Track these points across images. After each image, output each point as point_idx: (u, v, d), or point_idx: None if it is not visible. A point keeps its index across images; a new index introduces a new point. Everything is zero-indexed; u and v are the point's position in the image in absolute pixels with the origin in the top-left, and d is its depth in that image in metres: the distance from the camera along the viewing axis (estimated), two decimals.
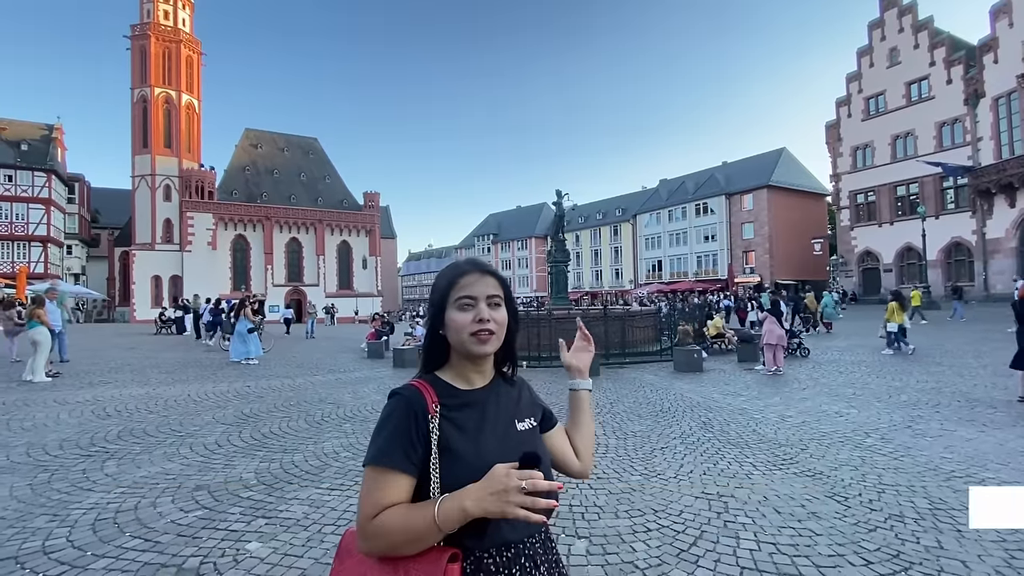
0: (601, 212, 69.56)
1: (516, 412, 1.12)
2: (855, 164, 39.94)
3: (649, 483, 4.12)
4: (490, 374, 1.14)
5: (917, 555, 2.89)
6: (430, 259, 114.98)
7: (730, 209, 51.22)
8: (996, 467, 4.31)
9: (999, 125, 30.59)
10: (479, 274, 1.08)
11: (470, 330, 1.04)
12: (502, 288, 1.10)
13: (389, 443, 0.97)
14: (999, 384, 7.77)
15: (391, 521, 0.91)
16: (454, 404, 1.04)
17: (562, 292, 17.34)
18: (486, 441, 1.03)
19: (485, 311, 1.05)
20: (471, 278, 1.07)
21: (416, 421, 0.98)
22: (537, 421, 1.16)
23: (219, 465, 4.69)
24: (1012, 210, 29.50)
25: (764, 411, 6.66)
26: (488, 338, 1.05)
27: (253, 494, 3.96)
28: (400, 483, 0.95)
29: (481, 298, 1.06)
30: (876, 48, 38.25)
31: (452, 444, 0.99)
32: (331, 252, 56.02)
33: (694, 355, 10.65)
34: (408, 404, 1.01)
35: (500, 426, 1.07)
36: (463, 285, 1.06)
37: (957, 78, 33.02)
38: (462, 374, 1.10)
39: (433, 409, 1.00)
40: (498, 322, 1.06)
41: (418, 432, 0.97)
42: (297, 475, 4.42)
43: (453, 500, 0.90)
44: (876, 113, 38.39)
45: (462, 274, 1.08)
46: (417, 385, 1.05)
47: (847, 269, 39.93)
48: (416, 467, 0.96)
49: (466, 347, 1.05)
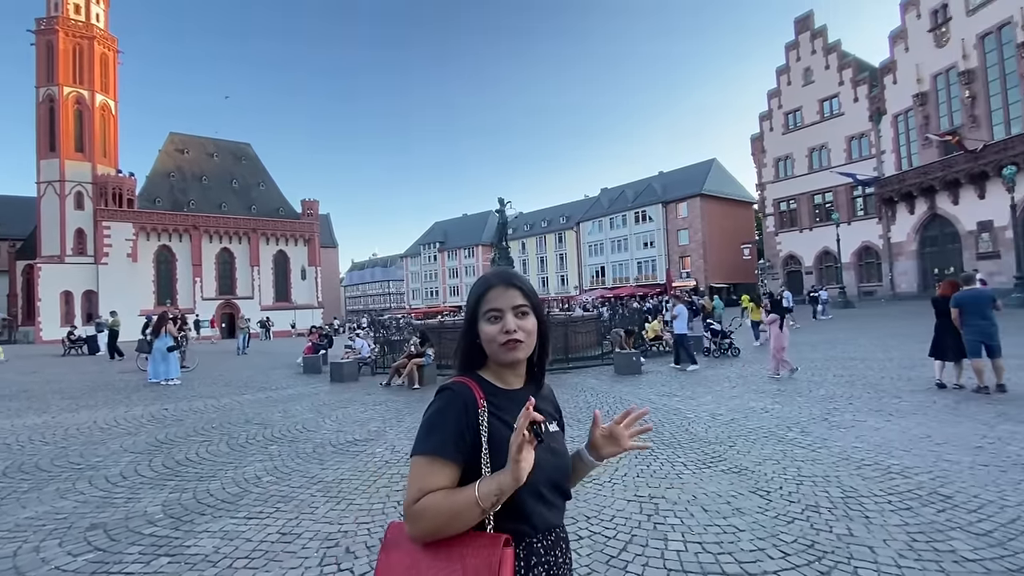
0: (546, 220, 70.64)
1: (545, 414, 1.15)
2: (778, 174, 42.84)
3: (584, 489, 4.11)
4: (525, 377, 1.20)
5: (830, 544, 3.03)
6: (375, 268, 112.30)
7: (667, 217, 53.46)
8: (900, 454, 4.63)
9: (899, 139, 33.82)
10: (504, 287, 1.14)
11: (499, 341, 1.10)
12: (528, 298, 1.14)
13: (439, 434, 1.02)
14: (904, 375, 8.46)
15: (435, 503, 0.96)
16: (498, 401, 1.10)
17: None
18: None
19: (511, 322, 1.10)
20: (497, 291, 1.13)
21: (467, 413, 1.04)
22: (561, 425, 1.25)
23: (121, 499, 4.24)
24: (912, 216, 32.59)
25: (697, 410, 6.88)
26: (516, 346, 1.10)
27: (157, 530, 3.60)
28: (446, 471, 1.00)
29: (507, 309, 1.11)
30: (793, 67, 41.34)
31: (500, 438, 1.03)
32: (267, 262, 53.37)
33: (633, 358, 10.92)
34: (459, 397, 1.07)
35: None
36: (490, 298, 1.13)
37: (863, 96, 36.24)
38: (499, 376, 1.16)
39: (482, 404, 1.07)
40: (526, 330, 1.12)
41: (468, 424, 1.03)
42: (211, 505, 4.07)
43: (491, 479, 0.97)
44: (794, 127, 41.41)
45: (489, 288, 1.14)
46: (466, 381, 1.11)
47: (773, 272, 42.61)
48: (463, 457, 1.02)
49: (498, 357, 1.12)
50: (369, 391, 10.03)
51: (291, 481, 4.61)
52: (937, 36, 30.40)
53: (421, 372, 10.25)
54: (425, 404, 4.59)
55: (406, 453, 5.37)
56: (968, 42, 28.42)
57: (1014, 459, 4.31)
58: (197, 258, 49.51)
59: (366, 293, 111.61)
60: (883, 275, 35.15)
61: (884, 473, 4.17)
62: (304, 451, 5.64)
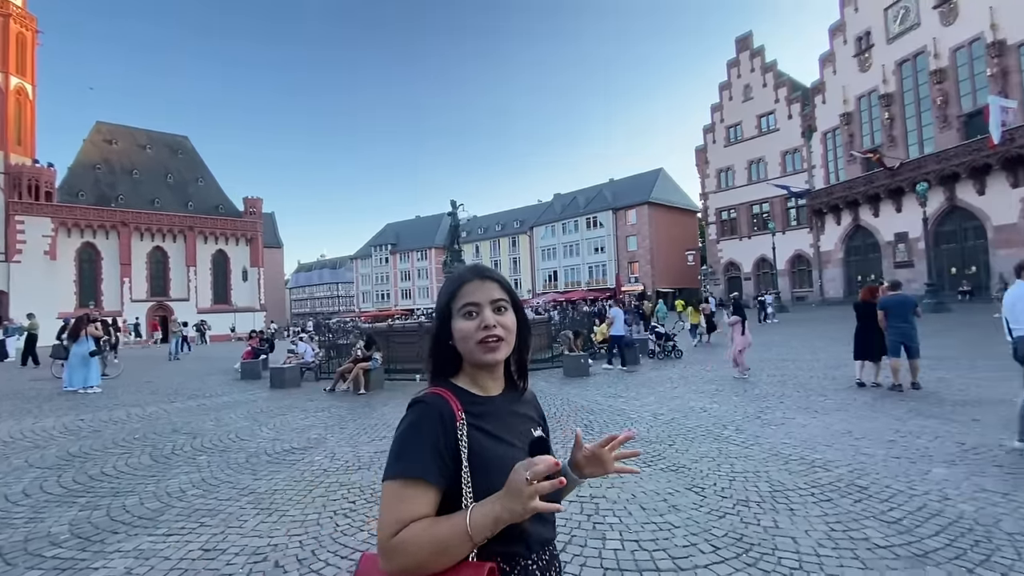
0: (500, 224, 70.87)
1: (530, 419, 1.11)
2: (720, 185, 44.96)
3: None
4: (503, 381, 1.10)
5: (757, 536, 3.16)
6: (322, 270, 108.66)
7: (616, 223, 54.92)
8: (823, 448, 4.93)
9: (828, 155, 36.32)
10: (481, 280, 1.04)
11: (477, 338, 1.00)
12: (507, 292, 1.05)
13: (415, 453, 0.91)
14: (829, 375, 9.04)
15: (416, 536, 0.85)
16: (477, 411, 1.00)
17: None
18: (514, 449, 1.00)
19: (490, 316, 1.01)
20: (473, 285, 1.03)
21: (444, 429, 0.93)
22: (546, 432, 1.13)
23: (21, 520, 3.85)
24: (839, 227, 35.03)
25: (640, 411, 7.06)
26: (497, 344, 1.00)
27: (62, 551, 3.28)
28: (426, 497, 0.89)
29: (485, 304, 1.02)
30: (734, 84, 43.58)
31: (483, 453, 0.95)
32: (204, 262, 50.47)
33: (581, 360, 11.09)
34: (434, 410, 0.95)
35: (522, 434, 1.05)
36: (465, 292, 1.03)
37: (796, 114, 38.68)
38: (477, 382, 1.05)
39: (460, 416, 0.96)
40: (505, 327, 1.02)
41: (447, 441, 0.92)
42: (127, 522, 3.76)
43: (485, 507, 0.86)
44: (735, 141, 43.63)
45: (464, 282, 1.05)
46: (440, 392, 1.00)
47: (715, 278, 44.61)
48: (444, 479, 0.91)
49: (475, 356, 1.01)
50: (312, 397, 9.65)
51: (219, 493, 4.35)
52: (861, 61, 32.92)
53: (367, 377, 9.97)
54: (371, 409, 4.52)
55: (347, 461, 5.20)
56: (888, 68, 30.96)
57: (922, 451, 4.67)
58: (126, 257, 46.12)
59: (313, 295, 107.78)
60: (813, 281, 37.54)
61: (809, 467, 4.41)
62: (236, 461, 5.34)
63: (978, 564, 2.72)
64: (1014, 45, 24.34)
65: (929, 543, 2.98)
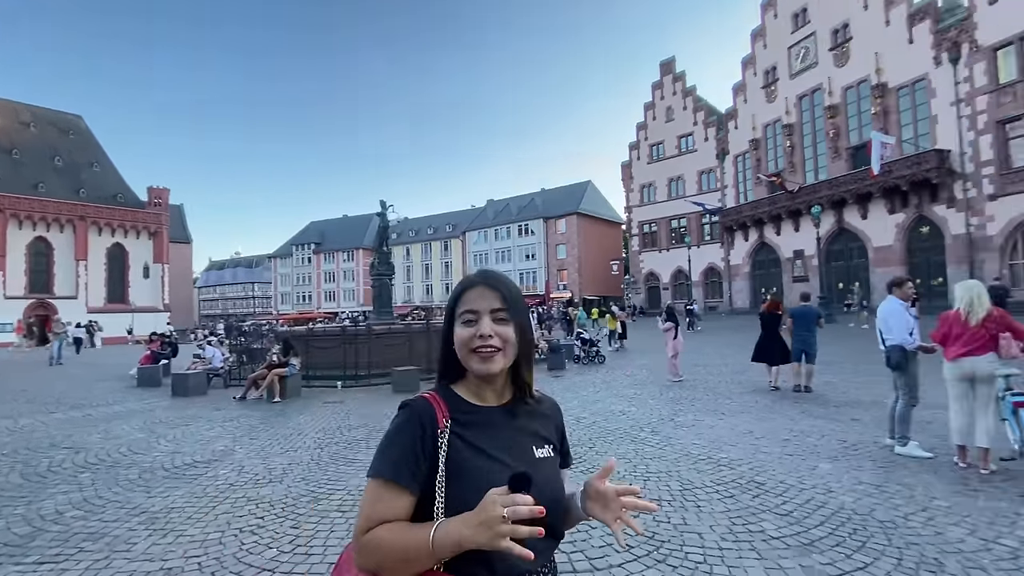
0: (432, 227, 69.99)
1: (534, 437, 1.03)
2: (643, 199, 47.38)
3: None
4: (506, 393, 1.05)
5: (667, 533, 3.34)
6: (237, 268, 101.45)
7: (547, 231, 56.17)
8: (728, 448, 5.30)
9: (738, 177, 39.42)
10: (484, 287, 1.01)
11: (471, 346, 0.97)
12: (508, 303, 1.00)
13: (393, 456, 0.92)
14: (735, 379, 9.77)
15: (385, 538, 0.86)
16: (466, 420, 0.97)
17: (386, 306, 16.74)
18: (499, 465, 0.93)
19: (487, 326, 0.97)
20: (476, 292, 1.01)
21: (423, 435, 0.93)
22: (556, 452, 1.06)
23: None
24: (746, 243, 38.08)
25: (565, 415, 7.21)
26: (491, 355, 0.97)
27: None
28: (400, 499, 0.89)
29: (484, 312, 0.98)
30: (657, 105, 46.21)
31: (461, 463, 0.92)
32: (98, 256, 45.38)
33: None
34: (416, 416, 0.95)
35: (516, 450, 0.98)
36: (467, 299, 1.00)
37: (712, 137, 41.66)
38: (474, 390, 1.03)
39: (443, 423, 0.95)
40: (504, 338, 0.98)
41: (424, 447, 0.92)
42: None
43: (449, 526, 0.83)
44: (657, 158, 46.22)
45: (468, 287, 1.02)
46: (428, 397, 0.99)
47: (637, 287, 46.86)
48: (419, 484, 0.91)
49: (470, 364, 0.99)
50: (219, 406, 8.96)
51: (104, 515, 3.90)
52: (768, 92, 36.14)
53: (283, 384, 9.42)
54: (285, 419, 4.29)
55: (256, 474, 4.87)
56: (790, 101, 34.22)
57: (811, 449, 5.17)
58: (0, 247, 40.45)
59: (225, 296, 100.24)
60: (724, 292, 40.50)
61: (715, 466, 4.73)
62: (126, 478, 4.83)
63: (856, 550, 3.04)
64: (894, 88, 27.83)
65: (815, 532, 3.29)
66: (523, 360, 1.04)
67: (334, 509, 3.91)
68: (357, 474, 4.79)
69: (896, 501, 3.74)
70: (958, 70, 24.69)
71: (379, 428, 6.73)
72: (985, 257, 23.61)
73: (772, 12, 35.56)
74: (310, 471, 4.93)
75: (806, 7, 32.82)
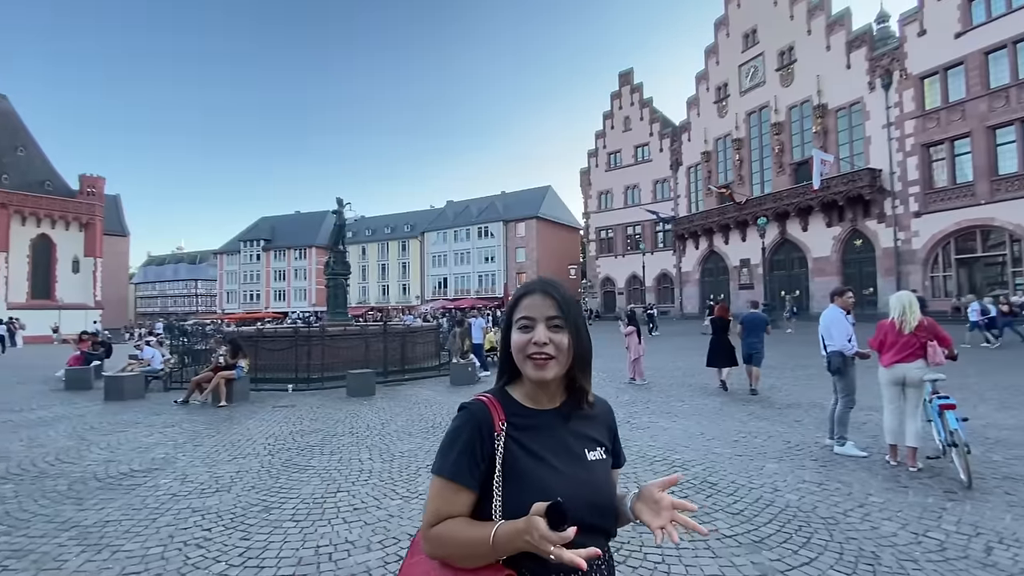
0: (389, 226, 68.76)
1: (586, 440, 1.06)
2: (600, 206, 48.38)
3: (409, 506, 3.98)
4: (559, 396, 1.08)
5: (627, 535, 3.40)
6: (178, 264, 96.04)
7: (507, 234, 56.38)
8: (683, 449, 5.48)
9: (690, 187, 40.93)
10: (541, 295, 1.04)
11: (527, 352, 1.01)
12: (564, 309, 1.03)
13: (454, 456, 0.98)
14: (687, 382, 10.11)
15: (449, 533, 0.94)
16: (521, 424, 1.02)
17: (340, 307, 16.30)
18: (552, 468, 0.98)
19: (542, 334, 1.00)
20: (533, 299, 1.04)
21: (481, 437, 0.98)
22: (608, 454, 1.09)
23: None
24: (697, 251, 39.56)
25: None
26: (545, 363, 1.00)
27: None
28: (461, 496, 0.96)
29: (540, 320, 1.01)
30: (616, 114, 47.35)
31: (518, 466, 0.97)
32: (20, 248, 41.80)
33: (469, 368, 11.11)
34: (474, 418, 1.00)
35: (568, 454, 1.02)
36: (524, 305, 1.04)
37: (666, 148, 43.07)
38: (529, 393, 1.06)
39: (500, 427, 0.99)
40: (558, 346, 1.00)
41: (483, 449, 0.97)
42: None
43: (510, 529, 0.87)
44: (615, 167, 47.34)
45: (526, 294, 1.06)
46: (485, 400, 1.04)
47: (593, 292, 47.77)
48: (478, 483, 0.97)
49: (524, 370, 1.02)
50: (159, 411, 8.43)
51: (30, 530, 3.59)
52: (719, 108, 37.75)
53: (230, 387, 8.97)
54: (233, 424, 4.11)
55: (201, 483, 4.61)
56: (739, 116, 35.87)
57: (759, 449, 5.41)
58: None
59: (165, 293, 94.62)
60: (675, 298, 41.90)
61: (670, 467, 4.87)
62: (55, 489, 4.46)
63: (801, 546, 3.21)
64: (833, 109, 29.68)
65: (764, 530, 3.45)
66: (579, 367, 1.06)
67: (287, 519, 3.76)
68: (311, 481, 4.62)
69: (836, 498, 3.98)
70: (889, 95, 26.65)
71: (334, 433, 6.53)
72: (910, 269, 25.55)
73: (725, 31, 37.23)
74: (261, 479, 4.71)
75: (756, 28, 34.55)
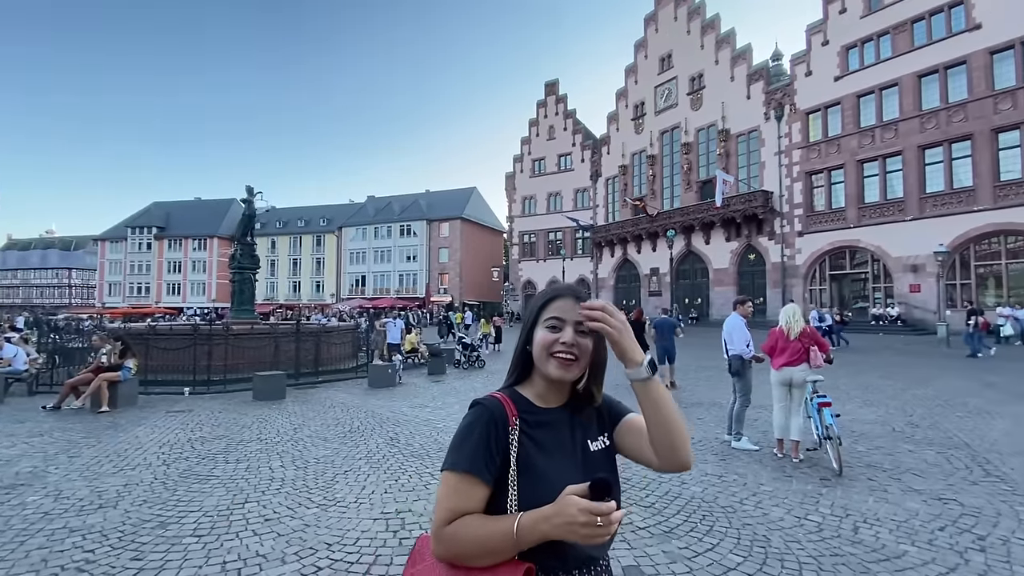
0: (303, 219, 65.07)
1: (590, 430, 1.11)
2: (524, 210, 49.32)
3: (326, 515, 3.81)
4: (566, 395, 1.12)
5: None
6: (48, 250, 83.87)
7: (430, 234, 55.61)
8: None
9: (608, 198, 42.97)
10: (572, 299, 1.07)
11: (552, 350, 1.04)
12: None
13: (469, 450, 0.98)
14: None
15: (466, 530, 0.93)
16: (532, 420, 1.05)
17: (247, 304, 15.17)
18: (562, 462, 1.02)
19: (570, 335, 1.03)
20: (564, 302, 1.07)
21: (496, 431, 1.00)
22: (610, 437, 1.13)
23: None
24: (612, 258, 41.60)
25: (446, 420, 7.21)
26: (570, 364, 1.04)
27: None
28: (477, 491, 0.97)
29: (569, 322, 1.05)
30: (540, 123, 48.57)
31: (531, 461, 1.00)
32: None
33: (388, 370, 10.82)
34: (489, 413, 1.02)
35: (576, 448, 1.07)
36: (555, 307, 1.07)
37: (587, 159, 44.89)
38: (539, 392, 1.10)
39: (513, 422, 1.02)
40: (582, 349, 1.04)
41: (497, 443, 0.99)
42: None
43: (536, 516, 0.89)
44: (539, 173, 48.52)
45: (557, 296, 1.09)
46: (499, 397, 1.07)
47: (515, 294, 48.52)
48: (493, 477, 0.98)
49: (546, 368, 1.05)
50: (23, 418, 7.35)
51: None
52: (636, 125, 40.04)
53: (114, 391, 8.01)
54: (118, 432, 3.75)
55: (80, 499, 4.09)
56: (654, 134, 38.28)
57: None
58: None
59: (30, 282, 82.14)
60: None
61: None
62: None
63: (705, 534, 3.50)
64: (735, 134, 32.64)
65: (673, 521, 3.71)
66: (594, 373, 1.10)
67: (188, 534, 3.44)
68: (214, 492, 4.27)
69: (734, 489, 4.38)
70: (781, 126, 29.80)
71: (240, 440, 6.07)
72: (794, 282, 28.70)
73: (643, 53, 39.57)
74: (154, 492, 4.27)
75: (671, 53, 37.08)
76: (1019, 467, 4.94)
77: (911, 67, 24.01)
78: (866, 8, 25.93)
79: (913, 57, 24.01)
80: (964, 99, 22.23)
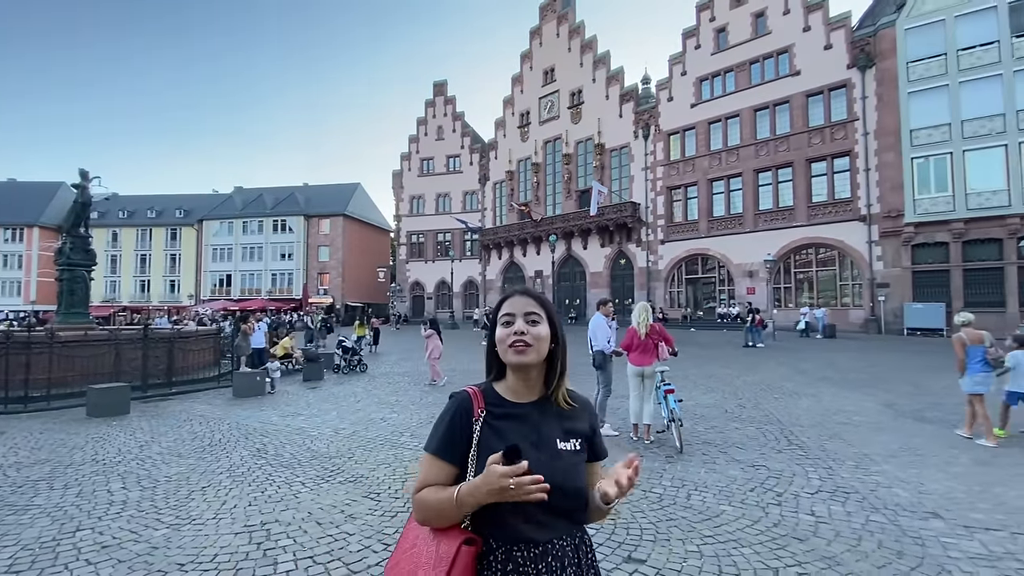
0: (155, 209, 57.09)
1: (560, 431, 1.20)
2: (412, 210, 48.47)
3: (179, 534, 3.52)
4: (539, 391, 1.24)
5: None
6: None
7: (308, 230, 52.10)
8: None
9: (496, 201, 43.98)
10: (521, 297, 1.24)
11: (508, 341, 1.17)
12: (541, 307, 1.22)
13: (438, 435, 1.17)
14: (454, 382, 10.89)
15: (425, 497, 1.10)
16: (499, 413, 1.18)
17: (79, 306, 13.00)
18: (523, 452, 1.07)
19: (521, 325, 1.18)
20: (514, 300, 1.23)
21: (461, 420, 1.16)
22: (583, 446, 1.21)
23: None
24: (500, 261, 42.65)
25: (320, 427, 6.93)
26: (524, 349, 1.16)
27: None
28: (444, 469, 1.14)
29: (519, 314, 1.19)
30: (429, 122, 48.14)
31: (490, 446, 1.11)
32: None
33: (256, 378, 10.04)
34: (458, 404, 1.19)
35: (541, 442, 1.16)
36: (507, 305, 1.23)
37: (476, 162, 45.49)
38: (513, 387, 1.22)
39: (478, 413, 1.16)
40: (535, 336, 1.17)
41: (462, 430, 1.15)
42: None
43: (470, 485, 1.05)
44: (427, 173, 48.05)
45: (508, 297, 1.25)
46: (470, 391, 1.21)
47: (402, 295, 47.45)
48: (457, 459, 1.14)
49: (507, 357, 1.19)
50: None
51: None
52: (522, 133, 41.52)
53: None
54: None
55: None
56: (538, 143, 40.02)
57: None
58: None
59: None
60: (480, 304, 44.39)
61: None
62: None
63: None
64: (609, 148, 35.39)
65: None
66: (555, 363, 1.23)
67: (2, 572, 2.97)
68: (36, 523, 3.70)
69: None
70: (647, 144, 32.98)
71: (70, 463, 5.29)
72: (657, 285, 31.93)
73: (529, 64, 41.19)
74: None
75: (554, 67, 39.08)
76: (814, 436, 6.13)
77: (749, 102, 28.15)
78: (715, 46, 29.81)
79: (750, 93, 28.17)
80: (787, 132, 26.66)
